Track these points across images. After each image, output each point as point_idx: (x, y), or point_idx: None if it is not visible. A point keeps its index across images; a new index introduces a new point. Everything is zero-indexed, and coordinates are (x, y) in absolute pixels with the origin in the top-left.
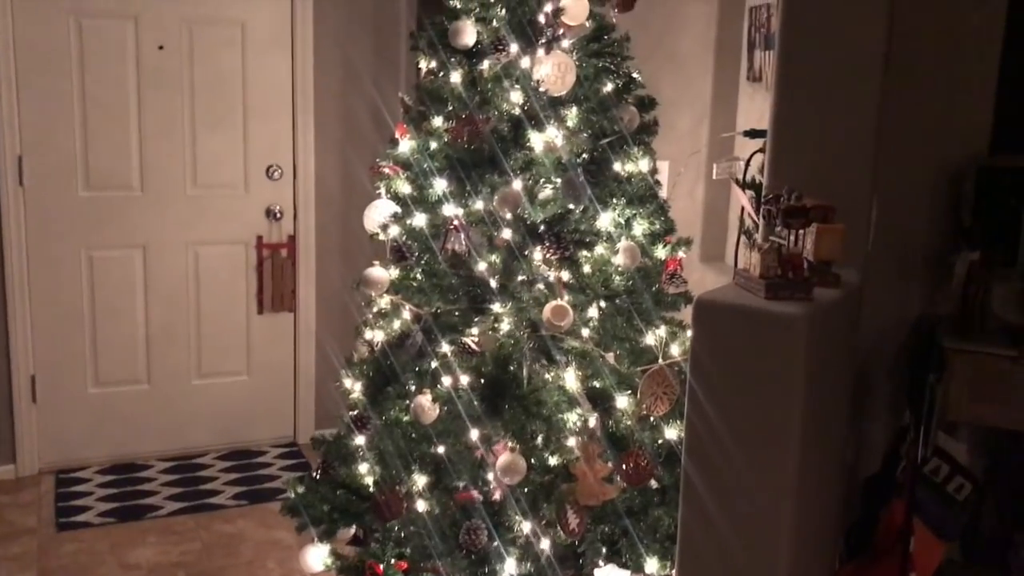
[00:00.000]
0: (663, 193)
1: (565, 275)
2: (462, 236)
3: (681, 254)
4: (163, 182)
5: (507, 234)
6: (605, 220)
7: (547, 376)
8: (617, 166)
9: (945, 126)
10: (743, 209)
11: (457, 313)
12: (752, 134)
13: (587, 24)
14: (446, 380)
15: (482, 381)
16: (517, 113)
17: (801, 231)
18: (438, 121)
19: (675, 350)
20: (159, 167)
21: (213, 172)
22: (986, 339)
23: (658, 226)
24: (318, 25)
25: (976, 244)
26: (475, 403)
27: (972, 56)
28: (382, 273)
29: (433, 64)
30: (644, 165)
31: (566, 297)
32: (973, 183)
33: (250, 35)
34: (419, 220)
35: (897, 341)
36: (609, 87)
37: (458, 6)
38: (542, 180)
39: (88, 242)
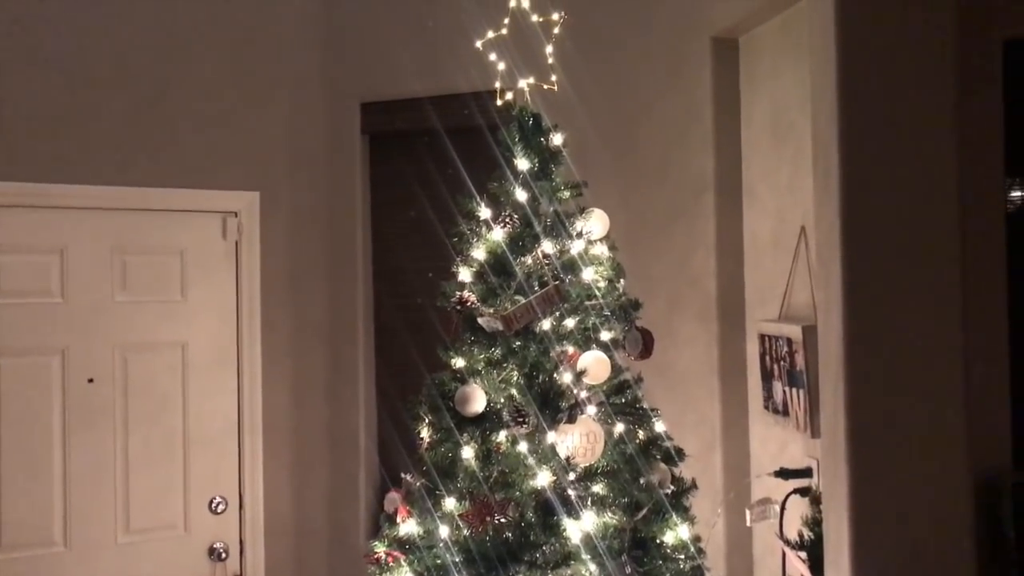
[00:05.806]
0: None
1: None
2: None
3: None
4: (90, 532)
5: None
6: None
7: None
8: (658, 539)
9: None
10: (783, 554)
11: None
12: (785, 474)
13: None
14: None
15: None
16: (546, 494)
17: None
18: (450, 503)
19: None
20: (86, 515)
21: (148, 513)
22: None
23: None
24: (266, 337)
25: None
26: None
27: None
28: None
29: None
30: (685, 532)
31: None
32: (1011, 502)
33: (192, 356)
34: None
35: None
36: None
37: (461, 364)
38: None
39: None
